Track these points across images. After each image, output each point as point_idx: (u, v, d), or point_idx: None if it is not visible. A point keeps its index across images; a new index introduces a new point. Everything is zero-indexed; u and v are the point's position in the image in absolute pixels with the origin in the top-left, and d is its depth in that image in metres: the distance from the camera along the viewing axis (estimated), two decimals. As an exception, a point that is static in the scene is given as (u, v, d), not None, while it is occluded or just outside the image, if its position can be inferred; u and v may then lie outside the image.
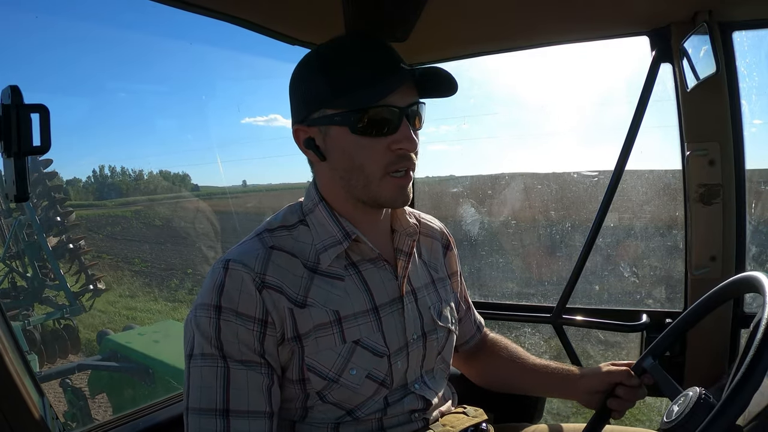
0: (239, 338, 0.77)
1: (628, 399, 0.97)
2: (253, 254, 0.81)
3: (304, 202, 0.92)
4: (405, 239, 0.93)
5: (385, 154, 0.81)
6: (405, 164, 0.83)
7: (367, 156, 0.81)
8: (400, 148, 0.81)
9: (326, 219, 0.88)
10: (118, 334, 6.02)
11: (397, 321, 0.90)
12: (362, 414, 0.86)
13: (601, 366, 1.03)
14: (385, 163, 0.82)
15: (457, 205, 5.79)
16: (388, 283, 0.90)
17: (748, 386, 0.63)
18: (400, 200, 0.85)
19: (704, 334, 1.34)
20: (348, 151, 0.82)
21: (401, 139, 0.80)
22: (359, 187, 0.84)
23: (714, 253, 1.34)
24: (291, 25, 1.34)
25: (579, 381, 1.03)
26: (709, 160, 1.32)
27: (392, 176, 0.82)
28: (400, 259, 0.92)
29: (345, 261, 0.88)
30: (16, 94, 0.70)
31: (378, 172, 0.82)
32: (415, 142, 0.82)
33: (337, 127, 0.82)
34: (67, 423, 5.06)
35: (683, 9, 1.25)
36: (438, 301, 0.99)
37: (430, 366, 0.96)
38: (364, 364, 0.84)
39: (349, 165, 0.83)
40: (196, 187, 20.88)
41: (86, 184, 20.01)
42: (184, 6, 1.12)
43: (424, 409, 0.92)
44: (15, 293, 7.80)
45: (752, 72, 1.63)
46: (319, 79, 0.82)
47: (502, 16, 1.35)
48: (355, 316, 0.85)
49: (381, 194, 0.84)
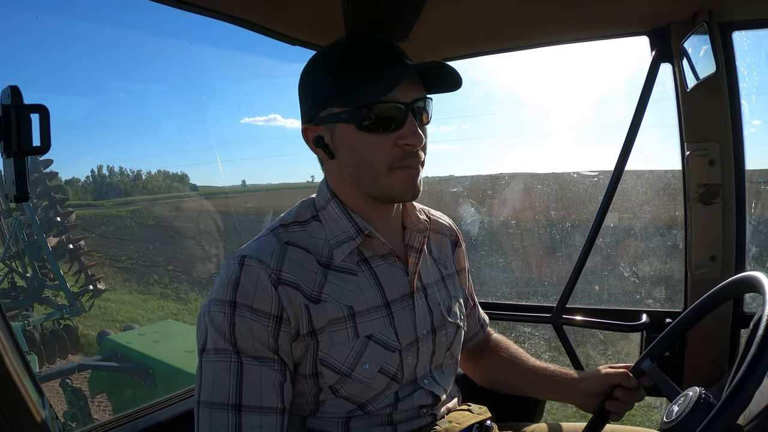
0: (253, 334, 0.78)
1: (626, 401, 0.98)
2: (268, 250, 0.82)
3: (317, 199, 0.92)
4: (416, 235, 0.94)
5: (391, 150, 0.82)
6: (414, 161, 0.83)
7: (374, 152, 0.82)
8: (407, 143, 0.81)
9: (339, 215, 0.88)
10: (118, 334, 6.03)
11: (408, 316, 0.90)
12: (373, 408, 0.87)
13: (599, 369, 1.04)
14: (391, 159, 0.82)
15: (456, 204, 5.79)
16: (399, 279, 0.91)
17: (748, 386, 0.63)
18: (410, 193, 0.85)
19: (704, 334, 1.34)
20: (355, 148, 0.83)
21: (407, 134, 0.81)
22: (368, 182, 0.84)
23: (714, 253, 1.34)
24: (291, 25, 1.34)
25: (577, 384, 1.04)
26: (708, 160, 1.32)
27: (400, 169, 0.83)
28: (411, 256, 0.93)
29: (357, 257, 0.88)
30: (15, 95, 0.70)
31: (384, 167, 0.82)
32: (422, 138, 0.82)
33: (344, 124, 0.82)
34: (67, 423, 5.06)
35: (683, 9, 1.25)
36: (447, 297, 1.00)
37: (439, 361, 0.97)
38: (377, 358, 0.85)
39: (357, 161, 0.84)
40: (194, 186, 20.90)
41: (84, 183, 20.01)
42: (183, 6, 1.12)
43: (433, 404, 0.93)
44: (15, 293, 7.81)
45: (752, 72, 1.63)
46: (325, 78, 0.84)
47: (502, 16, 1.35)
48: (368, 311, 0.86)
49: (391, 188, 0.84)
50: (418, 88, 0.84)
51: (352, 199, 0.89)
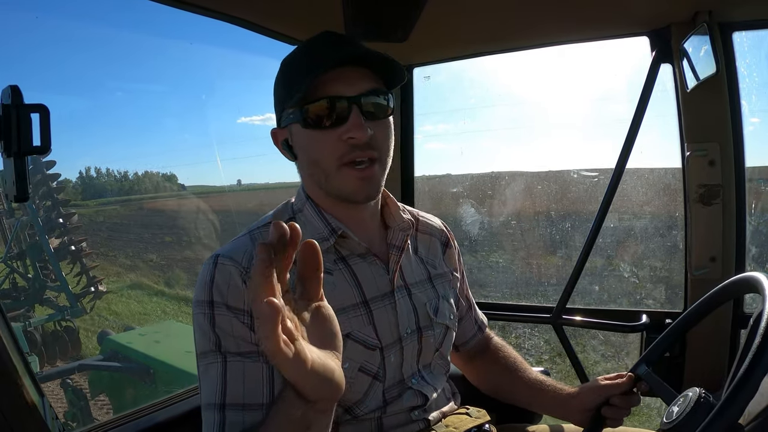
0: (234, 330, 0.78)
1: (623, 406, 0.97)
2: (241, 250, 0.82)
3: (294, 201, 0.93)
4: (398, 234, 0.93)
5: (336, 146, 0.80)
6: (361, 155, 0.80)
7: (320, 149, 0.81)
8: (350, 137, 0.79)
9: (314, 216, 0.88)
10: (119, 334, 6.02)
11: (390, 315, 0.90)
12: (361, 412, 0.86)
13: (596, 380, 1.02)
14: (338, 155, 0.80)
15: (453, 202, 5.80)
16: (380, 277, 0.90)
17: (748, 386, 0.63)
18: (363, 193, 0.83)
19: (704, 334, 1.34)
20: (304, 146, 0.84)
21: (350, 128, 0.79)
22: (322, 181, 0.84)
23: (714, 253, 1.34)
24: (290, 25, 1.34)
25: (572, 401, 1.03)
26: (709, 161, 1.32)
27: (351, 168, 0.81)
28: (393, 254, 0.92)
29: (334, 256, 0.88)
30: (16, 94, 0.70)
31: (333, 164, 0.81)
32: (366, 131, 0.79)
33: (295, 124, 0.83)
34: (68, 423, 5.06)
35: (683, 9, 1.25)
36: (435, 297, 0.98)
37: (427, 361, 0.96)
38: (356, 357, 0.85)
39: (308, 160, 0.84)
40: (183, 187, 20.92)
41: (74, 185, 20.00)
42: (183, 6, 1.12)
43: (423, 405, 0.92)
44: (16, 294, 7.81)
45: (752, 72, 1.62)
46: (281, 80, 0.85)
47: (503, 16, 1.35)
48: (344, 309, 0.85)
49: (341, 187, 0.83)
50: (369, 81, 0.81)
51: (322, 200, 0.89)
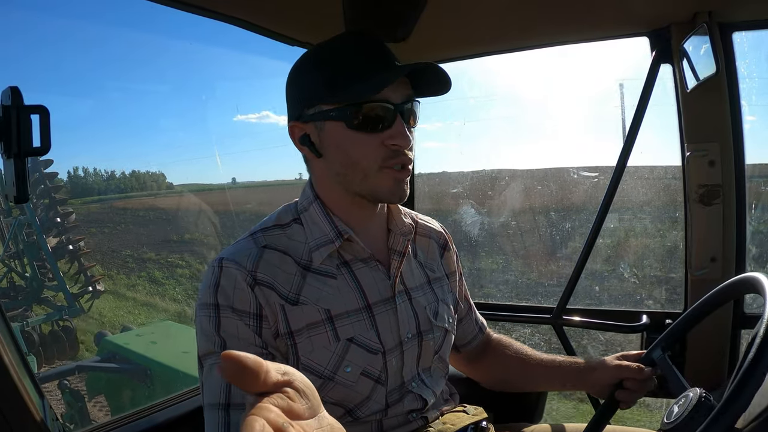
0: (239, 332, 0.79)
1: (637, 390, 0.99)
2: (245, 253, 0.83)
3: (300, 201, 0.93)
4: (399, 239, 0.94)
5: (379, 150, 0.82)
6: (400, 160, 0.83)
7: (363, 151, 0.83)
8: (395, 144, 0.82)
9: (320, 217, 0.88)
10: (117, 335, 6.00)
11: (391, 319, 0.90)
12: (362, 414, 0.86)
13: (611, 358, 1.04)
14: (380, 158, 0.83)
15: (450, 199, 5.82)
16: (381, 282, 0.91)
17: (749, 387, 0.63)
18: (398, 195, 0.85)
19: (704, 334, 1.34)
20: (343, 147, 0.83)
21: (395, 134, 0.81)
22: (357, 181, 0.85)
23: (714, 254, 1.34)
24: (290, 26, 1.34)
25: (591, 374, 1.04)
26: (709, 161, 1.32)
27: (390, 169, 0.83)
28: (394, 259, 0.93)
29: (337, 260, 0.88)
30: (16, 95, 0.70)
31: (374, 165, 0.83)
32: (409, 139, 0.83)
33: (333, 122, 0.83)
34: (66, 425, 5.05)
35: (683, 10, 1.25)
36: (434, 301, 0.99)
37: (427, 365, 0.97)
38: (359, 361, 0.85)
39: (346, 160, 0.84)
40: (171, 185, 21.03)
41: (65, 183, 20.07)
42: (183, 6, 1.12)
43: (422, 408, 0.93)
44: (14, 293, 7.79)
45: (752, 73, 1.63)
46: (315, 75, 0.84)
47: (503, 17, 1.35)
48: (347, 314, 0.86)
49: (379, 187, 0.84)
50: (408, 90, 0.84)
51: (337, 199, 0.89)
